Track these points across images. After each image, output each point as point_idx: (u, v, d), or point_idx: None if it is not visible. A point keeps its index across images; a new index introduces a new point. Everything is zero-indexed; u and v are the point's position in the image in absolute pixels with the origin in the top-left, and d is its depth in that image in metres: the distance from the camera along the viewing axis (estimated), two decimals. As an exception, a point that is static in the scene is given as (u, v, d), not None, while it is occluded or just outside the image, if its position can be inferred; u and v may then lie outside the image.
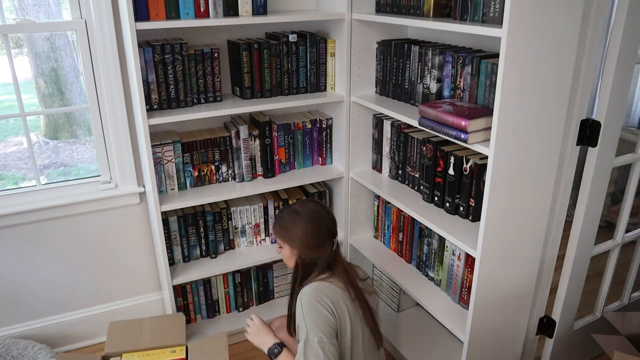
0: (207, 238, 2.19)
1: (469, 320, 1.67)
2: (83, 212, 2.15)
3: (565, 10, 1.39)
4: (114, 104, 2.03)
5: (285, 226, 1.65)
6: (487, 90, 1.60)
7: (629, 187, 1.95)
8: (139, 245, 2.32)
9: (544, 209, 1.66)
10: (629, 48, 1.55)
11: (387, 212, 2.22)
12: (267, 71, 2.04)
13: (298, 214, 1.64)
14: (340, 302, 1.52)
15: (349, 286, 1.57)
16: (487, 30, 1.39)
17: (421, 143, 1.91)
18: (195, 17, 1.81)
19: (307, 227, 1.62)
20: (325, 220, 1.66)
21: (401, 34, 2.15)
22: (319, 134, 2.28)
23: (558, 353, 2.01)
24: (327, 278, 1.58)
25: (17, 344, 2.05)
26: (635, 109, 3.32)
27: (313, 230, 1.62)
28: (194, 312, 2.29)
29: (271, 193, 2.33)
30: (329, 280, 1.57)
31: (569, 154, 1.67)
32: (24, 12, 2.79)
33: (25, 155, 3.82)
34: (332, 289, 1.54)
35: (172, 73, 1.89)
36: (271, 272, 2.38)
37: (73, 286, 2.26)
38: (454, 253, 1.84)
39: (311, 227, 1.62)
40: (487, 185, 1.48)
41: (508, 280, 1.70)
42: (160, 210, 1.94)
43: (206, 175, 2.13)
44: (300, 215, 1.63)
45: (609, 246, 1.99)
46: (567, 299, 1.88)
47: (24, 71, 3.82)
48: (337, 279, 1.59)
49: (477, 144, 1.50)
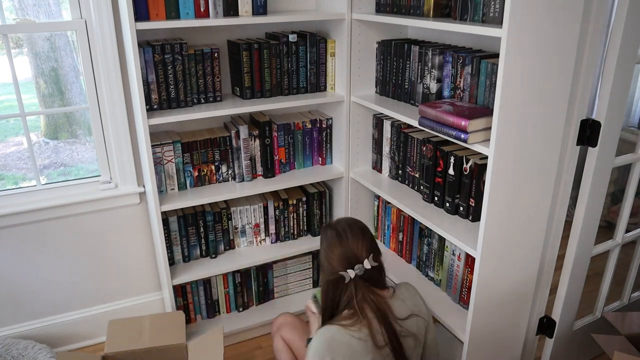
0: (207, 238, 2.19)
1: (469, 320, 1.67)
2: (83, 212, 2.15)
3: (565, 10, 1.39)
4: (114, 104, 2.03)
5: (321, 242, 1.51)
6: (487, 90, 1.60)
7: (629, 187, 1.95)
8: (139, 245, 2.32)
9: (544, 209, 1.66)
10: (629, 48, 1.55)
11: (387, 212, 2.22)
12: (267, 71, 2.04)
13: (329, 228, 1.48)
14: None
15: (376, 333, 1.37)
16: (487, 30, 1.39)
17: (421, 143, 1.91)
18: (195, 17, 1.81)
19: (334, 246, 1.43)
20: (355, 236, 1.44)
21: (401, 34, 2.15)
22: (319, 134, 2.28)
23: (558, 353, 2.01)
24: (350, 325, 1.37)
25: (17, 344, 2.05)
26: (635, 109, 3.32)
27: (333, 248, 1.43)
28: (194, 312, 2.29)
29: (271, 193, 2.33)
30: (350, 329, 1.37)
31: (569, 154, 1.67)
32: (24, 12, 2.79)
33: (25, 155, 3.82)
34: (347, 344, 1.35)
35: (172, 73, 1.89)
36: (271, 272, 2.38)
37: (73, 286, 2.26)
38: (454, 253, 1.84)
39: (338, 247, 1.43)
40: (487, 185, 1.48)
41: (508, 280, 1.70)
42: (160, 210, 1.94)
43: (206, 175, 2.13)
44: (330, 235, 1.46)
45: (609, 246, 1.99)
46: (567, 299, 1.88)
47: (24, 71, 3.82)
48: (362, 324, 1.37)
49: (477, 144, 1.50)
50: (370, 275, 1.42)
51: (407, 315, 1.44)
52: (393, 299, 1.46)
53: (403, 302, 1.47)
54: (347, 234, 1.44)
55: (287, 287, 2.45)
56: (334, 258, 1.43)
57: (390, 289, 1.48)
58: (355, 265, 1.40)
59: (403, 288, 1.52)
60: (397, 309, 1.44)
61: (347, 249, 1.42)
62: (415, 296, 1.52)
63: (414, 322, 1.46)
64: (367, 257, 1.41)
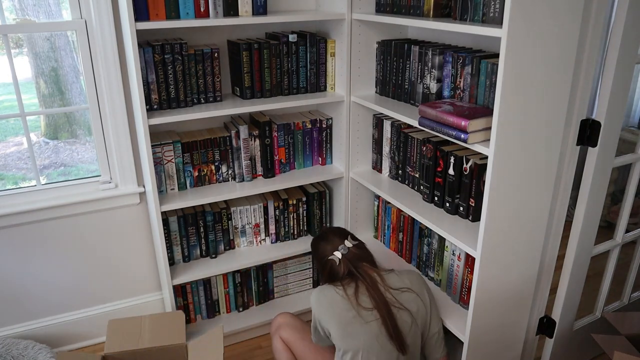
0: (207, 238, 2.19)
1: (469, 320, 1.67)
2: (83, 212, 2.15)
3: (565, 10, 1.39)
4: (114, 104, 2.03)
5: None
6: (487, 90, 1.60)
7: (629, 187, 1.95)
8: (139, 245, 2.32)
9: (544, 209, 1.66)
10: (629, 48, 1.55)
11: (387, 212, 2.22)
12: (267, 71, 2.04)
13: (315, 237, 1.86)
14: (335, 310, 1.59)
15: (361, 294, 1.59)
16: (487, 30, 1.39)
17: (421, 143, 1.91)
18: (195, 17, 1.81)
19: (316, 244, 1.79)
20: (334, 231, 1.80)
21: (401, 34, 2.15)
22: (319, 134, 2.28)
23: (558, 353, 2.01)
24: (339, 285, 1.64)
25: (17, 344, 2.05)
26: (635, 109, 3.32)
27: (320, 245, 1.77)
28: (194, 312, 2.29)
29: (271, 193, 2.33)
30: (337, 287, 1.63)
31: (569, 154, 1.67)
32: (24, 12, 2.79)
33: (25, 155, 3.82)
34: (330, 297, 1.61)
35: (172, 73, 1.89)
36: (271, 272, 2.38)
37: (73, 286, 2.26)
38: (454, 253, 1.84)
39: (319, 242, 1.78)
40: (487, 185, 1.48)
41: (508, 280, 1.70)
42: (160, 210, 1.94)
43: (206, 175, 2.13)
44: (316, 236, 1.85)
45: (609, 246, 1.99)
46: (567, 299, 1.88)
47: (24, 71, 3.82)
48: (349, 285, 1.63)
49: (477, 144, 1.50)
50: (355, 254, 1.68)
51: (400, 286, 1.61)
52: (389, 274, 1.66)
53: (399, 277, 1.65)
54: (327, 232, 1.79)
55: (287, 287, 2.45)
56: (323, 251, 1.72)
57: (389, 269, 1.70)
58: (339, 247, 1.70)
59: (406, 271, 1.70)
60: (390, 280, 1.63)
61: (329, 240, 1.73)
62: (419, 279, 1.68)
63: (411, 298, 1.60)
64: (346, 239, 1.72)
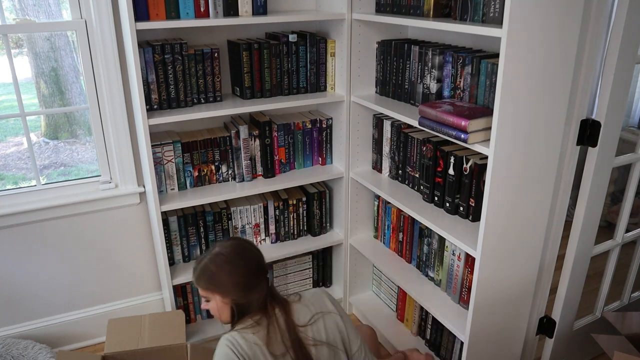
0: (207, 238, 2.19)
1: (469, 320, 1.67)
2: (83, 212, 2.15)
3: (565, 10, 1.39)
4: (114, 104, 2.03)
5: (209, 273, 1.42)
6: (487, 90, 1.60)
7: (629, 187, 1.95)
8: (139, 245, 2.32)
9: (544, 209, 1.66)
10: (629, 48, 1.55)
11: (387, 212, 2.22)
12: (267, 71, 2.04)
13: (221, 255, 1.43)
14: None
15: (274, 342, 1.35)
16: (487, 30, 1.39)
17: (421, 143, 1.91)
18: (195, 17, 1.81)
19: (237, 266, 1.42)
20: (253, 253, 1.48)
21: (401, 34, 2.15)
22: (319, 134, 2.28)
23: (558, 353, 2.01)
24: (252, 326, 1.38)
25: (17, 344, 2.05)
26: (635, 109, 3.32)
27: (244, 269, 1.42)
28: (194, 312, 2.29)
29: (271, 193, 2.33)
30: (252, 331, 1.36)
31: (569, 154, 1.67)
32: (24, 12, 2.79)
33: (25, 155, 3.82)
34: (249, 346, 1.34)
35: (172, 73, 1.89)
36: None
37: (73, 286, 2.26)
38: (454, 253, 1.84)
39: (242, 266, 1.42)
40: (487, 185, 1.48)
41: (508, 280, 1.70)
42: (160, 210, 1.94)
43: (206, 175, 2.13)
44: (224, 255, 1.43)
45: (609, 246, 1.99)
46: (567, 299, 1.88)
47: (24, 71, 3.82)
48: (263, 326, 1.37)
49: (477, 144, 1.50)
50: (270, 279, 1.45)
51: (308, 319, 1.41)
52: (299, 304, 1.45)
53: (306, 306, 1.45)
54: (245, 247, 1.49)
55: (287, 287, 2.45)
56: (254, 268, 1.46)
57: (297, 295, 1.49)
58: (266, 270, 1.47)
59: (310, 293, 1.50)
60: (298, 314, 1.42)
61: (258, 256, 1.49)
62: (322, 297, 1.49)
63: (322, 326, 1.42)
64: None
